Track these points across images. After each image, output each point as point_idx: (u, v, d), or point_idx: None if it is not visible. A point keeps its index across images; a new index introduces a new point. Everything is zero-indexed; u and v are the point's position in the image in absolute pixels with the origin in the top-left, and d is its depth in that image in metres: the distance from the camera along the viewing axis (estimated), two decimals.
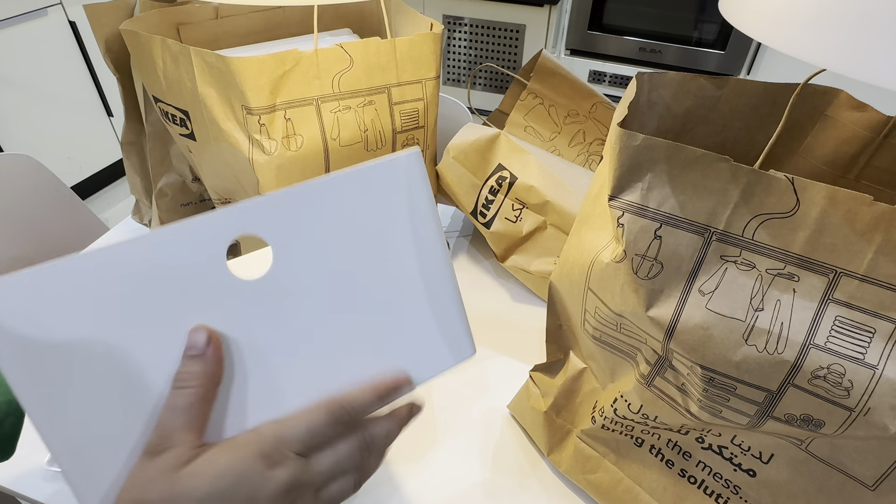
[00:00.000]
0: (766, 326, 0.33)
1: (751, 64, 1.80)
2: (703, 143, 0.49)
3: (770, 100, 0.47)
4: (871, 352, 0.31)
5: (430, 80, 0.62)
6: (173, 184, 0.77)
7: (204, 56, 0.52)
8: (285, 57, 0.53)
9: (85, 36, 1.82)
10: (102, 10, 0.63)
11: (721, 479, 0.43)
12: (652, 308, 0.37)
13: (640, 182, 0.37)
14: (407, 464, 0.56)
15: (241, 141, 0.55)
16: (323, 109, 0.56)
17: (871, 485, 0.35)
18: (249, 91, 0.52)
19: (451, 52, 2.06)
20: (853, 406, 0.32)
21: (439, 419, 0.60)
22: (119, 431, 0.27)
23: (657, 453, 0.46)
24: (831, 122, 0.47)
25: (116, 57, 0.67)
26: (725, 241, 0.35)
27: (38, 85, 1.74)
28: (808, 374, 0.33)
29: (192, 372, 0.26)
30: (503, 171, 0.69)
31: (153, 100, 0.61)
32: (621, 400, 0.45)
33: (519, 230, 0.70)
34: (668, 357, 0.39)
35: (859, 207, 0.31)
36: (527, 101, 0.83)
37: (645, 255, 0.37)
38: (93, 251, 0.27)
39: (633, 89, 0.41)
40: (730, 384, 0.35)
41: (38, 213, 0.87)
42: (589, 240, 0.43)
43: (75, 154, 1.92)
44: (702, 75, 0.45)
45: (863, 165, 0.47)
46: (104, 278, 0.27)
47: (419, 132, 0.64)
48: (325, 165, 0.59)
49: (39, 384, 0.26)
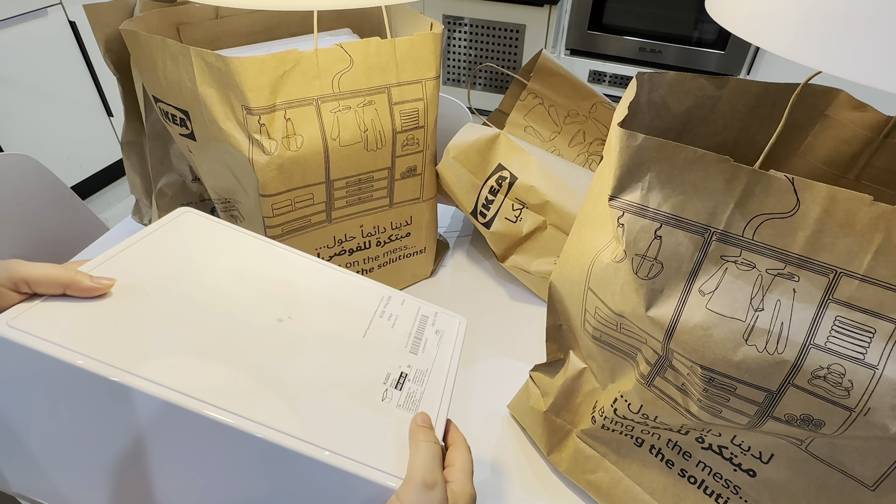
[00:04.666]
0: (766, 326, 0.33)
1: (751, 64, 1.80)
2: (703, 143, 0.49)
3: (770, 100, 0.47)
4: (871, 352, 0.31)
5: (430, 80, 0.62)
6: (173, 184, 0.77)
7: (204, 56, 0.52)
8: (285, 57, 0.53)
9: (85, 36, 1.82)
10: (102, 10, 0.63)
11: (721, 479, 0.43)
12: (652, 308, 0.37)
13: (640, 182, 0.37)
14: None
15: (241, 141, 0.55)
16: (323, 109, 0.56)
17: (871, 485, 0.35)
18: (249, 91, 0.52)
19: (451, 52, 2.06)
20: (853, 406, 0.32)
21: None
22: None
23: (657, 453, 0.46)
24: (831, 122, 0.47)
25: (116, 57, 0.67)
26: (725, 242, 0.35)
27: (38, 85, 1.74)
28: (808, 374, 0.33)
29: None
30: (503, 171, 0.69)
31: (153, 100, 0.61)
32: (621, 400, 0.45)
33: (519, 230, 0.70)
34: (668, 357, 0.39)
35: (859, 207, 0.31)
36: (527, 101, 0.83)
37: (645, 255, 0.37)
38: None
39: (633, 89, 0.41)
40: (730, 384, 0.35)
41: (38, 213, 0.87)
42: (589, 240, 0.43)
43: (75, 154, 1.92)
44: (702, 75, 0.45)
45: (863, 165, 0.47)
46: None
47: (419, 132, 0.64)
48: (325, 165, 0.59)
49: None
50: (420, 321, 0.44)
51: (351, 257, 0.70)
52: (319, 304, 0.41)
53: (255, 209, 0.60)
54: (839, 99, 0.46)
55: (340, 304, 0.42)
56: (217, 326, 0.36)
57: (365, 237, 0.69)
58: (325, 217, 0.64)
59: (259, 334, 0.37)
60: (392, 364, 0.39)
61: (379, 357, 0.39)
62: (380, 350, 0.39)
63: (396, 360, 0.39)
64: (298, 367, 0.35)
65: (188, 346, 0.34)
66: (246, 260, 0.43)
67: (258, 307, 0.39)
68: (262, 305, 0.39)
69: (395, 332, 0.42)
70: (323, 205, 0.62)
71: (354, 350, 0.39)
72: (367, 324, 0.41)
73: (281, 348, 0.36)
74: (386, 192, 0.67)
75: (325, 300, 0.42)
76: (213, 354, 0.34)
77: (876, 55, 0.25)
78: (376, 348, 0.39)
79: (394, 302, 0.44)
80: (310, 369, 0.36)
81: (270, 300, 0.40)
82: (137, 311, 0.34)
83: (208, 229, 0.44)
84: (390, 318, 0.43)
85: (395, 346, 0.40)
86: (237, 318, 0.37)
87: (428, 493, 0.31)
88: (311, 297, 0.42)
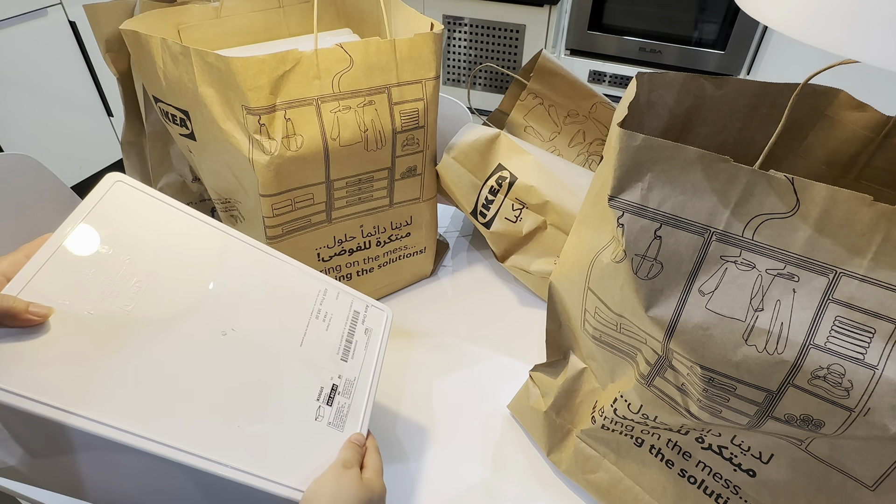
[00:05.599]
0: (766, 326, 0.33)
1: (751, 64, 1.80)
2: (703, 143, 0.49)
3: (770, 100, 0.47)
4: (870, 352, 0.31)
5: (430, 80, 0.62)
6: (173, 184, 0.77)
7: (204, 56, 0.52)
8: (285, 57, 0.53)
9: (85, 36, 1.81)
10: (102, 10, 0.63)
11: (721, 479, 0.43)
12: (652, 308, 0.37)
13: (640, 182, 0.37)
14: (407, 464, 0.56)
15: (241, 141, 0.55)
16: (323, 109, 0.56)
17: (871, 485, 0.35)
18: (249, 91, 0.52)
19: (451, 52, 2.06)
20: (853, 406, 0.32)
21: (439, 419, 0.60)
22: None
23: (657, 453, 0.46)
24: (831, 122, 0.47)
25: (116, 57, 0.66)
26: (725, 241, 0.35)
27: (38, 85, 1.74)
28: (807, 374, 0.33)
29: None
30: (503, 171, 0.69)
31: (153, 100, 0.61)
32: (621, 400, 0.45)
33: (519, 230, 0.70)
34: (668, 357, 0.39)
35: (859, 207, 0.31)
36: (527, 101, 0.83)
37: (645, 255, 0.37)
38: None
39: (633, 89, 0.41)
40: (730, 384, 0.35)
41: (38, 213, 0.87)
42: (589, 240, 0.43)
43: (75, 154, 1.92)
44: (702, 75, 0.45)
45: (863, 165, 0.47)
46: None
47: (419, 132, 0.64)
48: (325, 165, 0.59)
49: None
50: (352, 319, 0.49)
51: (351, 257, 0.70)
52: (259, 306, 0.44)
53: (255, 209, 0.60)
54: (839, 99, 0.46)
55: (279, 304, 0.45)
56: (159, 351, 0.37)
57: (365, 237, 0.69)
58: (325, 217, 0.64)
59: (204, 355, 0.39)
60: (324, 377, 0.44)
61: (314, 369, 0.44)
62: (315, 360, 0.44)
63: (329, 371, 0.45)
64: (241, 391, 0.39)
65: (131, 378, 0.35)
66: (183, 249, 0.43)
67: (202, 317, 0.40)
68: (206, 314, 0.41)
69: (329, 335, 0.46)
70: (323, 205, 0.62)
71: (293, 363, 0.43)
72: (304, 328, 0.45)
73: (223, 366, 0.39)
74: (386, 192, 0.67)
75: (264, 300, 0.44)
76: (157, 386, 0.36)
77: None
78: (312, 359, 0.44)
79: (329, 297, 0.49)
80: (252, 392, 0.40)
81: (213, 306, 0.41)
82: (76, 344, 0.35)
83: (140, 207, 0.42)
84: (325, 317, 0.47)
85: (328, 354, 0.45)
86: (180, 337, 0.39)
87: (346, 471, 0.39)
88: (252, 298, 0.44)
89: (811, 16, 0.29)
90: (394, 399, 0.62)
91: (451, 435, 0.59)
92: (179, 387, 0.37)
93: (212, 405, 0.37)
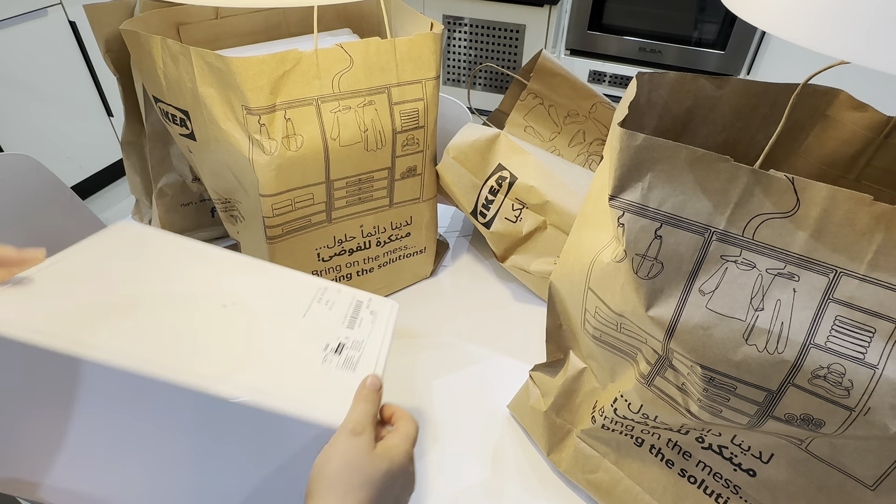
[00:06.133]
0: (766, 326, 0.33)
1: (751, 64, 1.80)
2: (703, 143, 0.49)
3: (770, 100, 0.47)
4: (871, 351, 0.31)
5: (430, 80, 0.62)
6: (173, 184, 0.77)
7: (204, 56, 0.52)
8: (285, 57, 0.53)
9: (85, 36, 1.81)
10: (102, 10, 0.63)
11: (721, 478, 0.43)
12: (652, 308, 0.37)
13: (640, 182, 0.37)
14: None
15: (241, 141, 0.55)
16: (323, 109, 0.56)
17: (871, 485, 0.35)
18: (249, 91, 0.52)
19: (451, 52, 2.06)
20: (853, 406, 0.32)
21: (439, 419, 0.60)
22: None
23: (657, 453, 0.46)
24: (831, 123, 0.47)
25: (116, 57, 0.67)
26: (726, 241, 0.35)
27: (38, 85, 1.74)
28: (808, 373, 0.33)
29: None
30: (503, 171, 0.69)
31: (153, 100, 0.61)
32: (621, 400, 0.45)
33: (519, 230, 0.70)
34: (669, 357, 0.39)
35: (859, 207, 0.31)
36: (527, 101, 0.83)
37: (645, 254, 0.37)
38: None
39: (633, 89, 0.41)
40: (730, 384, 0.35)
41: (38, 213, 0.87)
42: (589, 240, 0.43)
43: (75, 154, 1.92)
44: (702, 75, 0.45)
45: (863, 165, 0.47)
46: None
47: (419, 132, 0.64)
48: (325, 165, 0.59)
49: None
50: (356, 305, 0.47)
51: (351, 257, 0.70)
52: (260, 293, 0.44)
53: (255, 209, 0.60)
54: (839, 99, 0.46)
55: (279, 294, 0.45)
56: (162, 309, 0.38)
57: (365, 237, 0.69)
58: (325, 217, 0.64)
59: (206, 315, 0.39)
60: (331, 336, 0.42)
61: (319, 330, 0.42)
62: (319, 325, 0.43)
63: (335, 333, 0.42)
64: (242, 338, 0.39)
65: (136, 323, 0.36)
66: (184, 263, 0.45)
67: (202, 296, 0.41)
68: (206, 295, 0.41)
69: (332, 312, 0.45)
70: (323, 205, 0.62)
71: (295, 325, 0.42)
72: (307, 307, 0.44)
73: (226, 325, 0.40)
74: (386, 192, 0.67)
75: (264, 292, 0.45)
76: (161, 329, 0.37)
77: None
78: (316, 324, 0.43)
79: (330, 291, 0.48)
80: (254, 339, 0.39)
81: (213, 291, 0.42)
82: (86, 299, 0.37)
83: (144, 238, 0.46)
84: (328, 303, 0.46)
85: (333, 323, 0.43)
86: (182, 305, 0.40)
87: (355, 438, 0.34)
88: (252, 289, 0.44)
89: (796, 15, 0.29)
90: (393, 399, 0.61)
91: (451, 435, 0.59)
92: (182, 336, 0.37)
93: (217, 349, 0.37)
